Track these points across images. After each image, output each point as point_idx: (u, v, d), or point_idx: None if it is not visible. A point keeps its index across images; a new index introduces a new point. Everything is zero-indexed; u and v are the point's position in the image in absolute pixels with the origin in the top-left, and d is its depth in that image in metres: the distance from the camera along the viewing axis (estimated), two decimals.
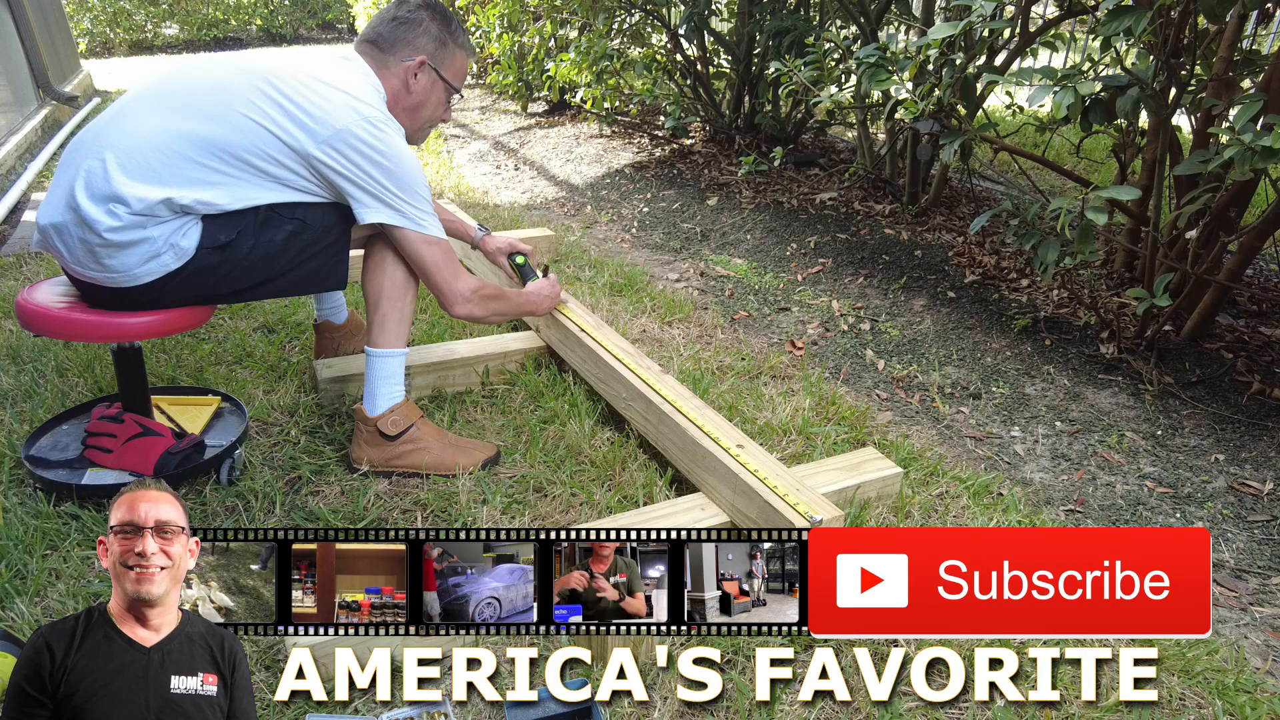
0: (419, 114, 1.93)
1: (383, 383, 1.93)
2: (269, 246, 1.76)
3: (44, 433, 1.94)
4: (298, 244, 1.80)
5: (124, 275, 1.67)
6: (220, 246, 1.72)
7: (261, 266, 1.77)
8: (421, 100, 1.91)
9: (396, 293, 1.90)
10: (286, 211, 1.77)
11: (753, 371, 2.56)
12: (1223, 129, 2.24)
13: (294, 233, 1.78)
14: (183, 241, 1.68)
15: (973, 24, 2.52)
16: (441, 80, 1.91)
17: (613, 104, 5.03)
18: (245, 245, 1.74)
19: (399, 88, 1.87)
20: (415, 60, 1.86)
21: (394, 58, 1.86)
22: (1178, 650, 1.54)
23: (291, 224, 1.78)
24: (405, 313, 1.92)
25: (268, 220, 1.76)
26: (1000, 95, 4.48)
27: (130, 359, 1.85)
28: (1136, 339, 2.70)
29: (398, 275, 1.89)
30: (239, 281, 1.78)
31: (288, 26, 11.94)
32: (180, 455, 1.83)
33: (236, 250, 1.73)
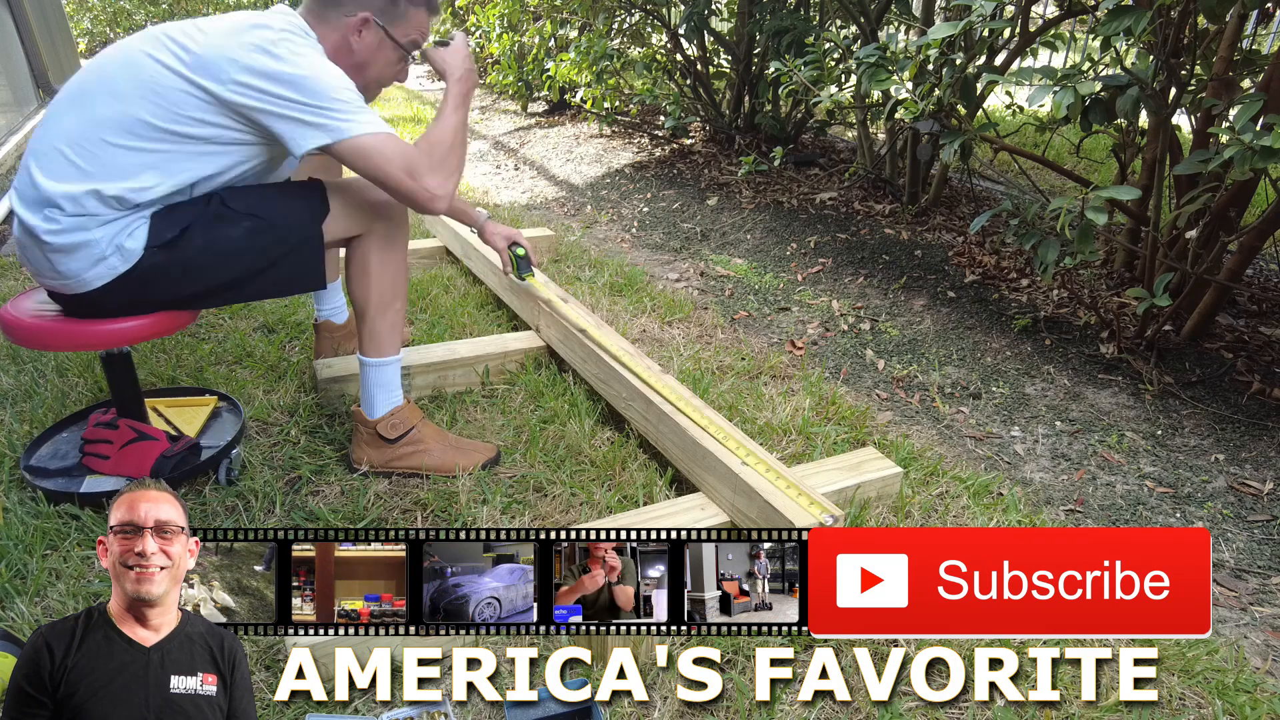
0: (364, 73, 1.76)
1: (379, 390, 1.91)
2: (226, 244, 1.67)
3: (43, 441, 1.94)
4: (261, 242, 1.70)
5: (76, 281, 1.62)
6: (167, 245, 1.63)
7: (221, 267, 1.69)
8: (366, 60, 1.74)
9: (384, 300, 1.85)
10: (241, 205, 1.68)
11: (753, 371, 2.56)
12: (1223, 129, 2.24)
13: (253, 230, 1.68)
14: (128, 243, 1.61)
15: (973, 24, 2.52)
16: (390, 40, 1.74)
17: (613, 104, 5.03)
18: (195, 243, 1.64)
19: (339, 43, 1.72)
20: (358, 17, 1.70)
21: (335, 11, 1.70)
22: (1178, 650, 1.54)
23: (248, 220, 1.68)
24: (395, 319, 1.88)
25: (220, 216, 1.66)
26: (1000, 95, 4.48)
27: (119, 364, 1.84)
28: (1136, 339, 2.70)
29: (384, 281, 1.84)
30: (201, 282, 1.70)
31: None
32: (175, 458, 1.83)
33: (186, 248, 1.64)
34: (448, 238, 3.26)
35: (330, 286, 2.37)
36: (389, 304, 1.86)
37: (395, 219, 1.83)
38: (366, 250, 1.83)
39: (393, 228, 1.83)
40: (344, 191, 1.80)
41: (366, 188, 1.77)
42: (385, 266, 1.84)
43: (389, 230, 1.83)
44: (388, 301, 1.86)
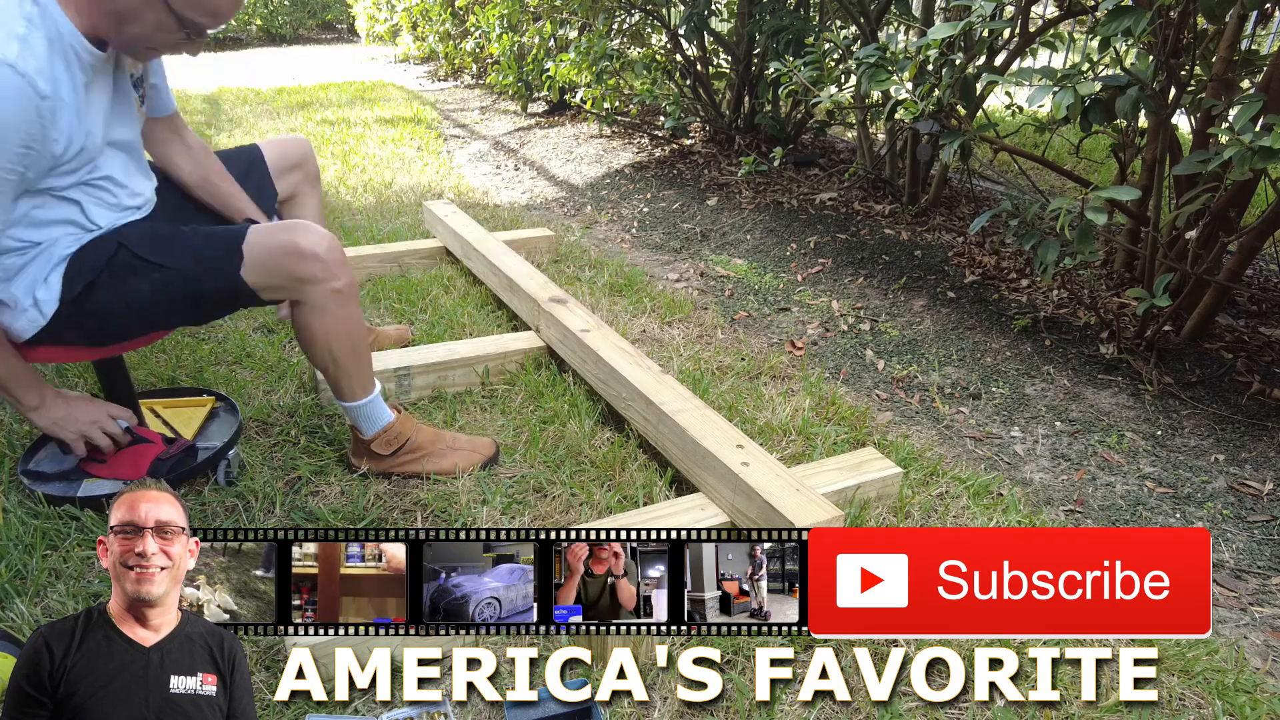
0: (124, 28, 1.49)
1: (364, 420, 1.89)
2: (134, 297, 1.60)
3: (41, 445, 1.94)
4: (173, 293, 1.62)
5: (11, 333, 1.59)
6: (75, 300, 1.58)
7: (136, 317, 1.64)
8: (127, 10, 1.46)
9: (342, 358, 1.77)
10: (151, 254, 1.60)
11: (753, 371, 2.56)
12: (1222, 129, 2.24)
13: (161, 280, 1.61)
14: (40, 293, 1.56)
15: (972, 24, 2.52)
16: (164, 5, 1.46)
17: (613, 104, 5.03)
18: (101, 297, 1.59)
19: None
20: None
21: None
22: (1178, 650, 1.54)
23: (157, 272, 1.60)
24: (358, 368, 1.81)
25: (127, 270, 1.59)
26: (1000, 95, 4.48)
27: (112, 368, 1.84)
28: (1136, 339, 2.70)
29: (333, 344, 1.74)
30: (130, 328, 1.65)
31: (287, 27, 11.94)
32: (171, 461, 1.82)
33: (96, 301, 1.59)
34: (447, 238, 3.26)
35: None
36: (349, 359, 1.79)
37: (327, 287, 1.68)
38: (306, 321, 1.72)
39: (326, 297, 1.69)
40: (260, 253, 1.65)
41: (287, 257, 1.65)
42: (331, 334, 1.74)
43: (324, 301, 1.69)
44: (346, 358, 1.78)
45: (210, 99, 6.94)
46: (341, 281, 1.69)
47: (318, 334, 1.73)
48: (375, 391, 1.88)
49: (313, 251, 1.64)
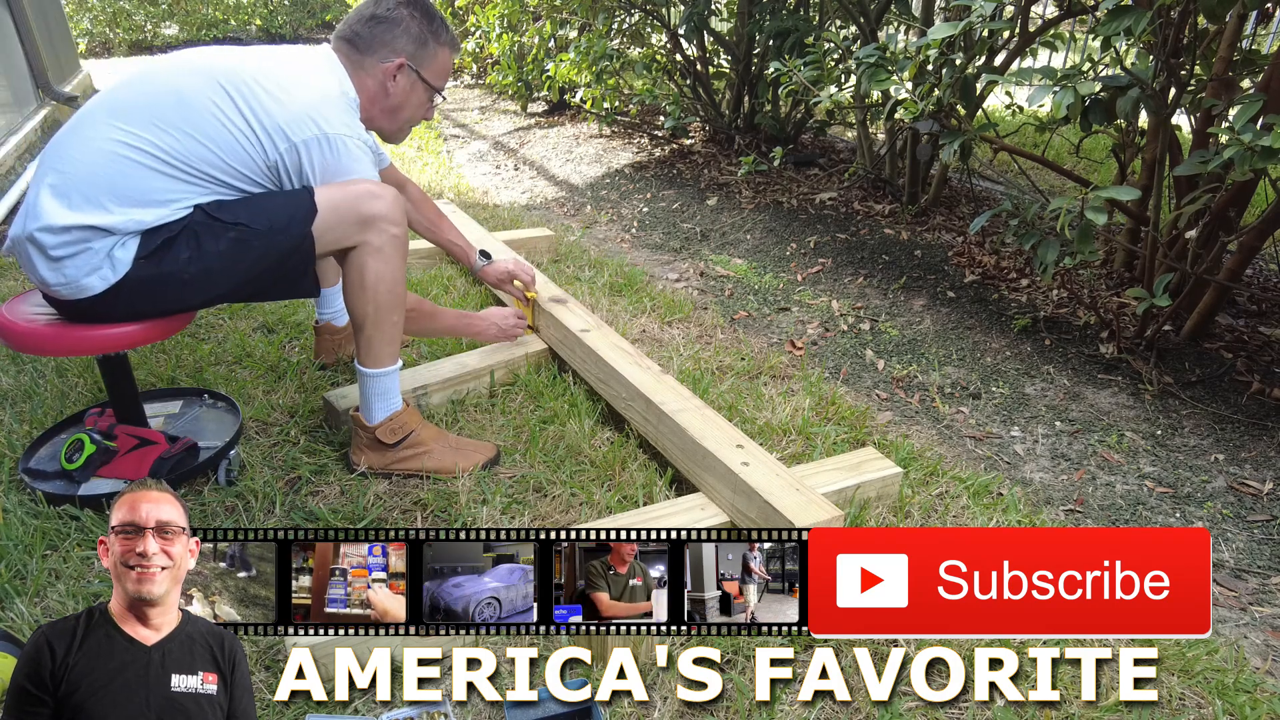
0: (398, 115, 1.89)
1: (377, 398, 1.90)
2: (213, 257, 1.67)
3: (42, 444, 1.94)
4: (249, 252, 1.69)
5: (71, 287, 1.63)
6: (153, 256, 1.63)
7: (209, 278, 1.69)
8: (401, 102, 1.86)
9: (380, 313, 1.82)
10: (227, 215, 1.68)
11: (753, 371, 2.56)
12: (1222, 129, 2.24)
13: (240, 240, 1.68)
14: (118, 252, 1.62)
15: (972, 24, 2.52)
16: (422, 81, 1.86)
17: (612, 104, 5.03)
18: (181, 255, 1.65)
19: (376, 90, 1.83)
20: (394, 63, 1.81)
21: (371, 58, 1.81)
22: (1178, 650, 1.54)
23: (234, 230, 1.67)
24: (392, 331, 1.85)
25: (207, 227, 1.66)
26: (1000, 95, 4.48)
27: (117, 367, 1.84)
28: (1136, 339, 2.70)
29: (379, 293, 1.80)
30: (189, 292, 1.70)
31: (287, 27, 11.94)
32: (173, 460, 1.83)
33: (173, 260, 1.65)
34: None
35: (329, 290, 2.36)
36: (385, 316, 1.83)
37: (389, 231, 1.78)
38: (361, 262, 1.78)
39: (386, 240, 1.77)
40: (334, 199, 1.75)
41: (359, 198, 1.75)
42: (381, 279, 1.79)
43: (383, 243, 1.77)
44: (384, 314, 1.82)
45: None
46: (401, 230, 1.79)
47: (370, 276, 1.78)
48: (398, 365, 1.90)
49: (381, 193, 1.76)
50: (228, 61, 1.70)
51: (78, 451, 1.81)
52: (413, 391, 2.18)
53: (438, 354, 2.47)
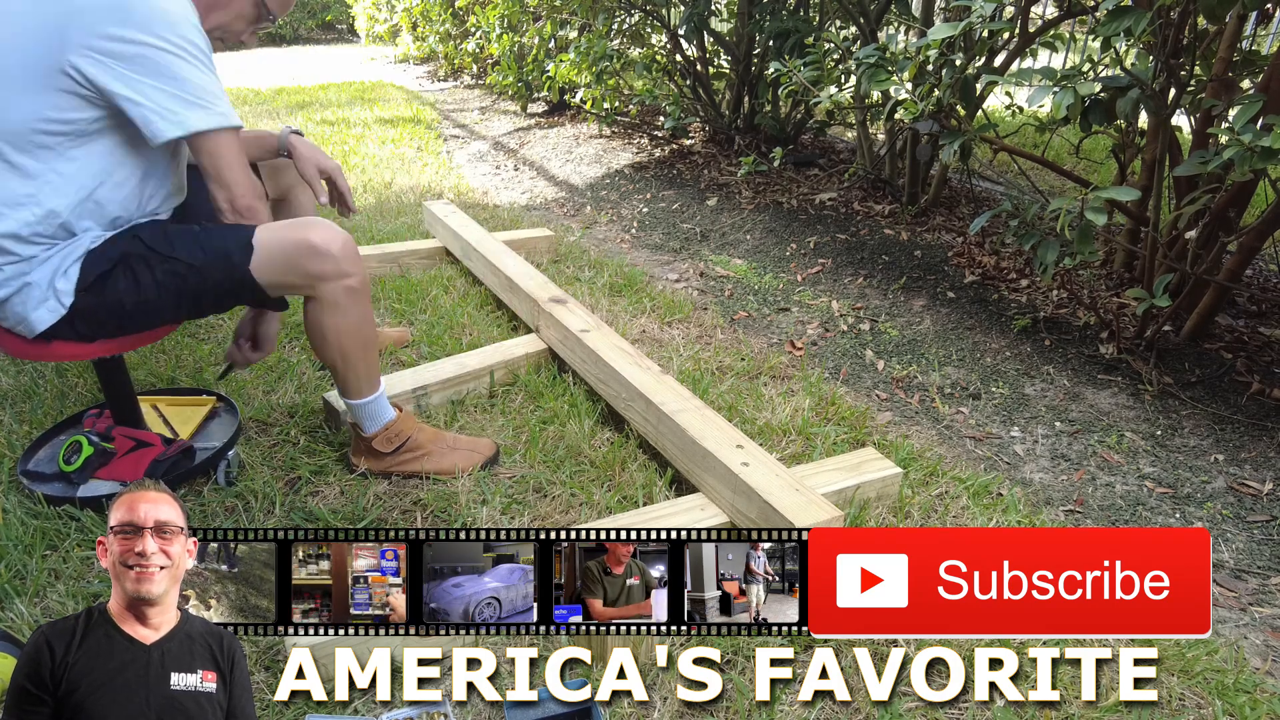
0: (213, 14, 1.66)
1: (369, 419, 1.89)
2: (149, 289, 1.60)
3: (40, 445, 1.94)
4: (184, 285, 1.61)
5: (23, 326, 1.58)
6: (91, 287, 1.57)
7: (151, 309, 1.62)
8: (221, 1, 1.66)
9: (351, 357, 1.77)
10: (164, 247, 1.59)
11: (752, 372, 2.56)
12: (1222, 129, 2.24)
13: (173, 272, 1.60)
14: (60, 284, 1.56)
15: (972, 24, 2.52)
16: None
17: (612, 104, 5.04)
18: (118, 286, 1.58)
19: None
20: None
21: None
22: (1178, 650, 1.54)
23: (168, 264, 1.59)
24: (366, 369, 1.82)
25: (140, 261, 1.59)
26: (1000, 95, 4.48)
27: (112, 368, 1.83)
28: (1136, 339, 2.70)
29: (343, 342, 1.74)
30: (138, 321, 1.64)
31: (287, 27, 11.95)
32: (168, 462, 1.83)
33: (112, 290, 1.58)
34: (447, 238, 3.26)
35: None
36: (356, 359, 1.79)
37: (343, 284, 1.69)
38: (318, 319, 1.72)
39: (340, 293, 1.69)
40: (275, 248, 1.64)
41: (303, 255, 1.64)
42: (342, 332, 1.73)
43: (336, 296, 1.69)
44: (353, 358, 1.78)
45: None
46: (355, 279, 1.69)
47: (329, 331, 1.72)
48: (380, 390, 1.88)
49: (326, 248, 1.64)
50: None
51: (75, 453, 1.81)
52: (412, 392, 2.18)
53: (438, 354, 2.47)
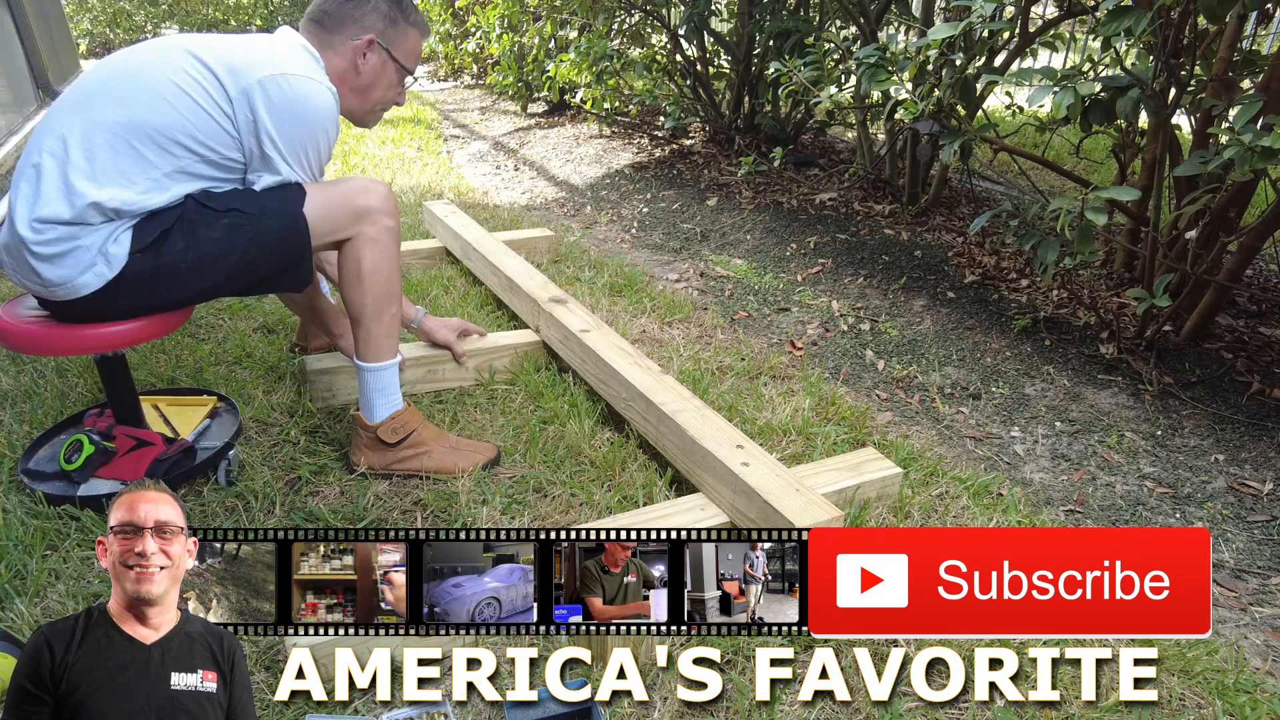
0: (369, 96, 1.86)
1: (378, 394, 1.90)
2: (207, 245, 1.65)
3: (41, 444, 1.94)
4: (242, 238, 1.67)
5: (65, 288, 1.61)
6: (149, 249, 1.62)
7: (205, 268, 1.67)
8: (371, 81, 1.84)
9: (379, 304, 1.82)
10: (220, 204, 1.67)
11: (752, 372, 2.56)
12: (1222, 129, 2.24)
13: (233, 226, 1.66)
14: (112, 248, 1.60)
15: (972, 24, 2.52)
16: (393, 61, 1.83)
17: (613, 104, 5.04)
18: (176, 246, 1.63)
19: (346, 68, 1.80)
20: (364, 39, 1.79)
21: (340, 36, 1.79)
22: (1178, 650, 1.54)
23: (228, 216, 1.66)
24: (390, 324, 1.86)
25: (199, 218, 1.65)
26: (1000, 95, 4.48)
27: (114, 367, 1.83)
28: (1136, 339, 2.70)
29: (377, 285, 1.80)
30: (188, 285, 1.68)
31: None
32: (169, 462, 1.82)
33: (169, 250, 1.63)
34: (447, 238, 3.26)
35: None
36: (384, 309, 1.83)
37: (384, 223, 1.78)
38: (358, 253, 1.78)
39: (381, 231, 1.78)
40: (326, 192, 1.76)
41: (353, 192, 1.76)
42: (378, 270, 1.79)
43: (378, 234, 1.78)
44: (382, 306, 1.83)
45: None
46: (395, 222, 1.81)
47: (366, 266, 1.78)
48: (397, 360, 1.90)
49: (373, 187, 1.79)
50: (184, 37, 1.71)
51: (76, 452, 1.81)
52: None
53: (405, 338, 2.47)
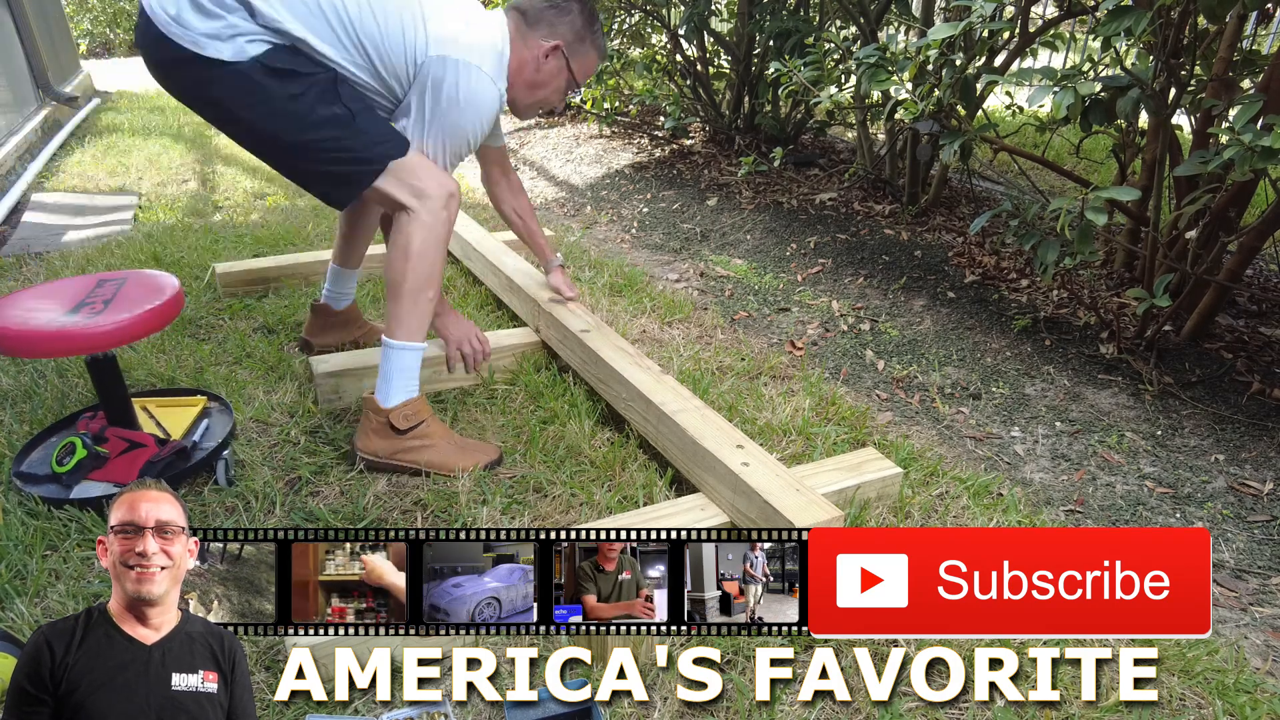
0: (536, 92, 2.00)
1: (398, 375, 1.91)
2: (309, 113, 1.75)
3: (34, 447, 1.93)
4: (334, 130, 1.77)
5: (190, 35, 1.69)
6: (272, 71, 1.72)
7: (290, 123, 1.76)
8: (545, 81, 1.98)
9: (419, 284, 1.86)
10: (348, 97, 1.78)
11: (753, 372, 2.56)
12: (1222, 129, 2.24)
13: (338, 118, 1.77)
14: (247, 45, 1.70)
15: (972, 24, 2.52)
16: (569, 70, 1.98)
17: (613, 104, 5.04)
18: (289, 89, 1.74)
19: (528, 61, 1.94)
20: (551, 43, 1.94)
21: (535, 33, 1.94)
22: (1178, 650, 1.54)
23: (343, 110, 1.77)
24: (426, 307, 1.89)
25: (326, 91, 1.76)
26: (1000, 95, 4.48)
27: (105, 369, 1.83)
28: (1136, 339, 2.70)
29: (422, 264, 1.85)
30: (265, 119, 1.76)
31: None
32: (163, 463, 1.82)
33: (282, 85, 1.73)
34: None
35: (345, 273, 2.42)
36: (422, 289, 1.87)
37: (441, 213, 1.84)
38: (410, 230, 1.83)
39: (436, 217, 1.84)
40: (422, 159, 1.85)
41: (436, 175, 1.84)
42: (425, 253, 1.84)
43: (433, 219, 1.83)
44: (421, 286, 1.86)
45: None
46: (450, 216, 1.87)
47: (415, 245, 1.84)
48: (423, 347, 1.93)
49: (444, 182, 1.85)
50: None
51: (69, 455, 1.81)
52: None
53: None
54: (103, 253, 3.22)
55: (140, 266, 3.05)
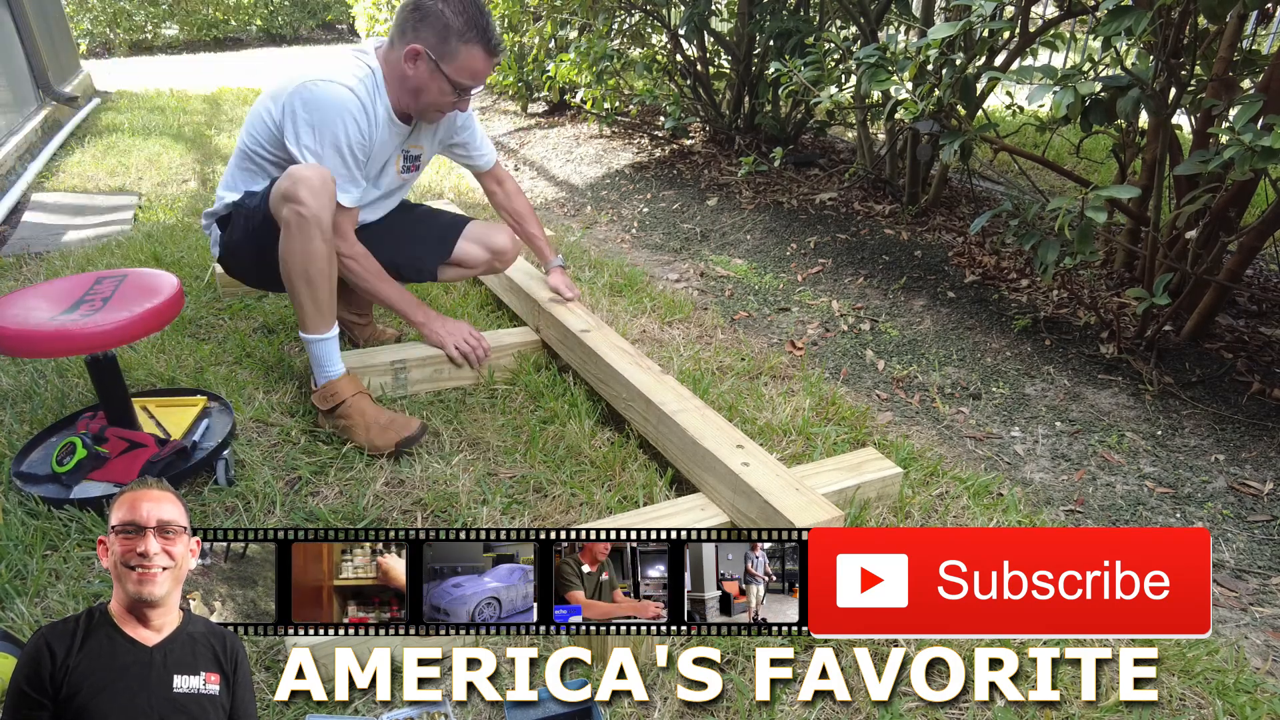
0: (419, 98, 2.03)
1: (315, 364, 2.06)
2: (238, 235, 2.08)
3: (34, 447, 1.93)
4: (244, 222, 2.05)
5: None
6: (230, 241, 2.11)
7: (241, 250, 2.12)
8: (420, 86, 2.01)
9: (294, 286, 1.96)
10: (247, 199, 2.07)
11: (753, 372, 2.56)
12: (1223, 129, 2.24)
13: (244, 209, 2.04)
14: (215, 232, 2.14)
15: (972, 24, 2.52)
16: (441, 73, 1.98)
17: (613, 104, 5.04)
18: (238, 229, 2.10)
19: (400, 68, 1.99)
20: (409, 48, 1.96)
21: (399, 41, 1.99)
22: (1178, 650, 1.54)
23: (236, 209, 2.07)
24: (310, 305, 1.98)
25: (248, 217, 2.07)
26: (1000, 95, 4.48)
27: (105, 369, 1.83)
28: (1136, 339, 2.70)
29: (288, 268, 1.95)
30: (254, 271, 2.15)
31: (287, 27, 11.94)
32: (163, 463, 1.82)
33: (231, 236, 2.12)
34: None
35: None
36: (299, 288, 1.96)
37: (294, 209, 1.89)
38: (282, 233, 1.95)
39: (291, 216, 1.89)
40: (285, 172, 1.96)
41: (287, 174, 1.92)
42: (289, 254, 1.93)
43: (289, 218, 1.90)
44: (297, 286, 1.96)
45: (210, 99, 6.94)
46: (308, 209, 1.89)
47: (282, 250, 1.95)
48: (326, 336, 2.03)
49: (304, 176, 1.89)
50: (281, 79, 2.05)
51: (69, 455, 1.81)
52: (390, 365, 2.25)
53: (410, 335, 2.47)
54: (103, 253, 3.22)
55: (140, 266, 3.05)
